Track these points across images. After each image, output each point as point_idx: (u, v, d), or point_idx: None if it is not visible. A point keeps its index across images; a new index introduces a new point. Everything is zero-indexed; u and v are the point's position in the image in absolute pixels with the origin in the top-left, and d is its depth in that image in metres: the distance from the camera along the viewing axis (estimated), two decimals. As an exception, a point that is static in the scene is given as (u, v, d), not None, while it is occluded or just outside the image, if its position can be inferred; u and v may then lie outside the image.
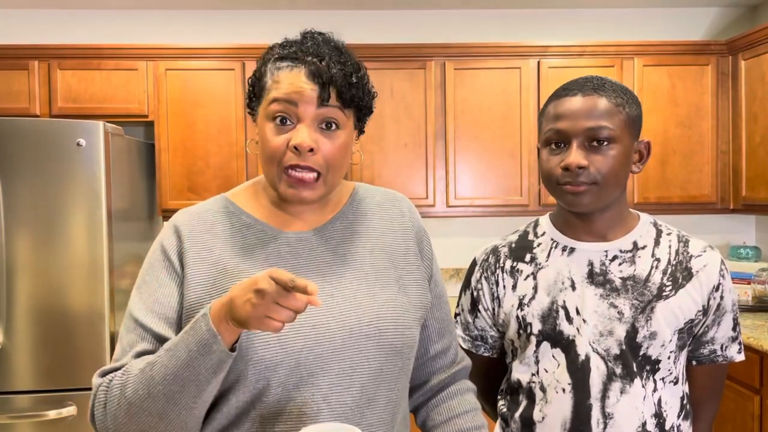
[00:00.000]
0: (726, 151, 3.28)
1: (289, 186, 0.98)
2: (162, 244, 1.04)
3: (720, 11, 3.64)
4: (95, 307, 2.64)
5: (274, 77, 0.99)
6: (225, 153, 3.20)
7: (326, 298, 1.00)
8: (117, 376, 0.93)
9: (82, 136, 2.63)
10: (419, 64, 3.23)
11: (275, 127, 0.98)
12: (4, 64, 3.13)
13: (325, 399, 0.96)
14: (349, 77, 0.99)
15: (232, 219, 1.05)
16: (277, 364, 0.94)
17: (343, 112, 1.00)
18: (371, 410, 1.00)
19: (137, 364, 0.92)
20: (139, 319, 0.98)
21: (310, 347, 0.96)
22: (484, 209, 3.27)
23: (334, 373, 0.97)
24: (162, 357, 0.89)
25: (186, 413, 0.89)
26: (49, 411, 2.58)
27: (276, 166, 0.98)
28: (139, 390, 0.89)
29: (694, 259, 1.20)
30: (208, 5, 3.46)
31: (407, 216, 1.16)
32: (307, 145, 0.95)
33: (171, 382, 0.87)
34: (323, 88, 0.96)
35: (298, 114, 0.97)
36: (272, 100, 0.98)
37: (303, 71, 0.97)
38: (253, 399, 0.96)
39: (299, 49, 0.99)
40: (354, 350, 0.98)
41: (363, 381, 0.99)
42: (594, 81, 1.17)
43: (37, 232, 2.60)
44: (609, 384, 1.15)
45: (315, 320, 0.97)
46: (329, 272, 1.03)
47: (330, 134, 0.99)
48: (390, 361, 1.01)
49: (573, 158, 1.13)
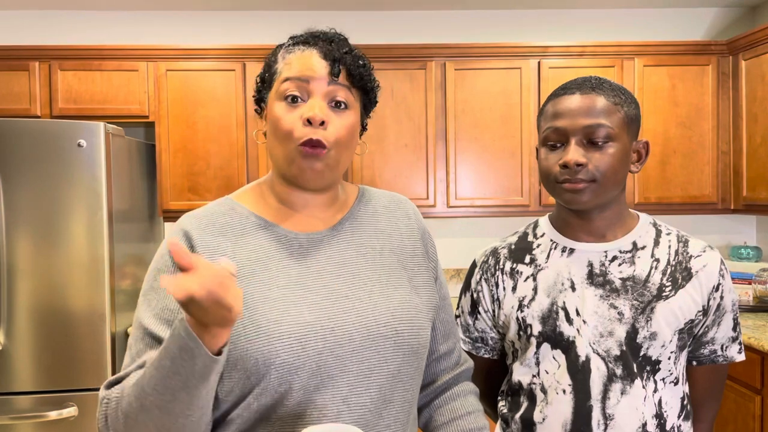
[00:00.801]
0: (727, 152, 3.28)
1: (304, 158, 0.98)
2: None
3: (720, 11, 3.64)
4: (96, 308, 2.64)
5: (286, 60, 1.02)
6: (226, 153, 3.20)
7: (342, 299, 0.99)
8: (115, 390, 0.92)
9: (83, 136, 2.63)
10: (419, 65, 3.23)
11: (287, 105, 1.00)
12: (5, 65, 3.13)
13: (344, 401, 0.96)
14: (358, 59, 1.03)
15: (242, 221, 1.04)
16: (299, 368, 0.93)
17: (351, 92, 1.02)
18: (388, 411, 1.00)
19: (133, 378, 0.91)
20: (148, 328, 0.96)
21: (330, 348, 0.95)
22: (484, 210, 3.27)
23: (353, 375, 0.97)
24: (149, 368, 0.87)
25: (183, 421, 0.87)
26: (50, 412, 2.59)
27: (289, 143, 0.99)
28: (133, 403, 0.87)
29: (694, 260, 1.20)
30: (208, 6, 3.47)
31: (413, 218, 1.16)
32: (320, 117, 0.97)
33: (161, 392, 0.85)
34: (334, 64, 1.00)
35: (309, 90, 0.99)
36: (284, 80, 1.00)
37: (315, 52, 1.01)
38: (275, 403, 0.95)
39: (309, 36, 1.04)
40: (372, 351, 0.98)
41: (381, 382, 0.99)
42: (592, 80, 1.18)
43: (38, 232, 2.61)
44: (609, 385, 1.15)
45: (334, 322, 0.97)
46: (343, 273, 1.03)
47: (340, 113, 1.01)
48: (407, 362, 1.02)
49: (571, 155, 1.13)
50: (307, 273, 1.00)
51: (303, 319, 0.95)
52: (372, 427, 0.97)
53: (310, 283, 1.00)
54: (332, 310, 0.97)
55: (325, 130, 0.98)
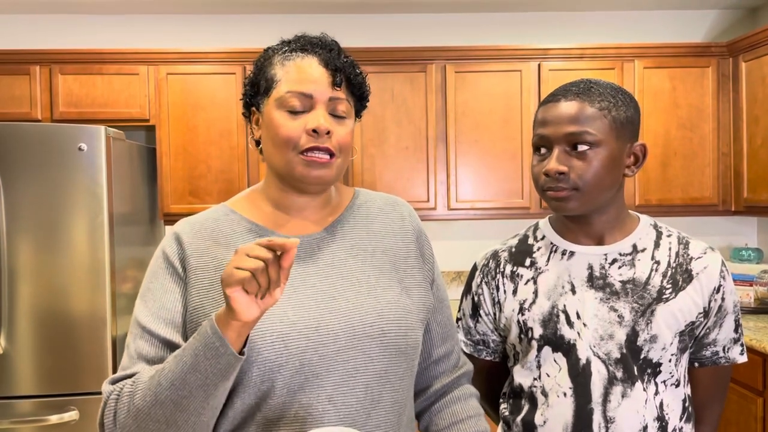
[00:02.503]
0: (727, 153, 3.28)
1: (306, 165, 1.00)
2: (164, 252, 1.04)
3: (720, 13, 3.64)
4: (97, 311, 2.64)
5: (285, 68, 1.02)
6: (226, 156, 3.20)
7: (329, 299, 1.00)
8: (127, 384, 0.93)
9: (84, 140, 2.63)
10: (420, 68, 3.24)
11: (287, 113, 1.00)
12: (6, 69, 3.13)
13: (330, 400, 0.96)
14: (355, 68, 1.06)
15: (233, 225, 1.06)
16: (282, 365, 0.94)
17: (349, 102, 1.05)
18: (377, 411, 1.00)
19: (147, 372, 0.92)
20: (146, 326, 0.98)
21: (314, 348, 0.96)
22: (485, 212, 3.27)
23: (338, 374, 0.97)
24: (170, 363, 0.89)
25: (194, 419, 0.89)
26: (51, 416, 2.58)
27: (291, 151, 1.00)
28: (147, 397, 0.89)
29: (695, 261, 1.20)
30: (208, 9, 3.47)
31: (407, 220, 1.17)
32: (326, 127, 0.99)
33: (179, 387, 0.87)
34: (336, 74, 1.01)
35: (312, 97, 1.00)
36: (285, 90, 1.00)
37: (314, 59, 1.02)
38: (258, 401, 0.96)
39: (307, 42, 1.04)
40: (358, 351, 0.98)
41: (368, 382, 0.99)
42: (580, 85, 1.17)
43: (38, 236, 2.61)
44: (610, 388, 1.15)
45: (318, 321, 0.98)
46: (332, 274, 1.03)
47: (340, 121, 1.03)
48: (394, 362, 1.02)
49: (551, 165, 1.14)
50: (295, 275, 1.01)
51: (286, 318, 0.96)
52: (360, 427, 0.97)
53: (297, 284, 1.01)
54: (317, 309, 0.98)
55: (330, 138, 1.00)
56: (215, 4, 3.38)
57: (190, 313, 0.99)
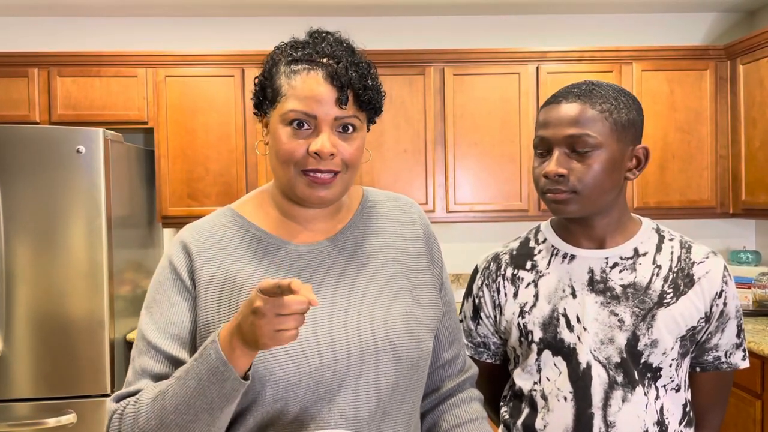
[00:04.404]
0: (725, 156, 3.29)
1: (308, 186, 0.97)
2: (171, 262, 1.00)
3: (718, 16, 3.65)
4: (95, 314, 2.63)
5: (291, 82, 0.96)
6: (225, 159, 3.20)
7: (340, 312, 0.98)
8: (130, 404, 0.91)
9: (82, 143, 2.63)
10: (418, 70, 3.24)
11: (292, 130, 0.96)
12: (4, 71, 3.13)
13: (342, 415, 0.95)
14: (365, 79, 0.98)
15: (241, 233, 1.03)
16: (295, 384, 0.93)
17: (358, 116, 0.99)
18: (387, 424, 0.99)
19: (149, 392, 0.90)
20: (152, 341, 0.96)
21: (328, 364, 0.94)
22: (483, 215, 3.27)
23: (351, 390, 0.96)
24: (173, 386, 0.87)
25: None
26: (48, 419, 2.58)
27: (293, 168, 0.97)
28: (152, 420, 0.87)
29: (696, 266, 1.20)
30: (207, 12, 3.47)
31: (418, 223, 1.14)
32: (328, 151, 0.95)
33: (184, 411, 0.86)
34: (341, 91, 0.95)
35: (317, 118, 0.95)
36: (290, 108, 0.95)
37: (320, 74, 0.95)
38: (271, 418, 0.94)
39: (314, 51, 0.98)
40: (370, 365, 0.97)
41: (380, 396, 0.98)
42: (582, 87, 1.16)
43: (36, 239, 2.60)
44: (610, 392, 1.15)
45: (331, 337, 0.96)
46: (342, 284, 1.01)
47: (347, 137, 0.98)
48: (406, 375, 1.01)
49: (551, 167, 1.13)
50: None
51: (300, 335, 0.94)
52: None
53: None
54: (330, 324, 0.97)
55: (333, 159, 0.96)
56: (213, 6, 3.38)
57: (200, 329, 0.96)
